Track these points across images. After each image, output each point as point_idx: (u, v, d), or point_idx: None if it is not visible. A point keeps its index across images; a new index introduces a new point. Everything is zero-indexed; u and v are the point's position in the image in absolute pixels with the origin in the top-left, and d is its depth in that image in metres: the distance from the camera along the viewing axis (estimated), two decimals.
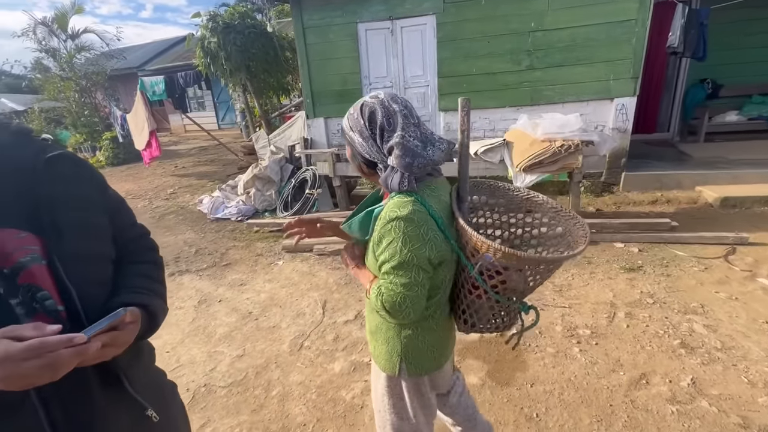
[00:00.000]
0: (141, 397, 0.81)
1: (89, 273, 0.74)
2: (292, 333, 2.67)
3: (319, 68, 5.21)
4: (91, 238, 0.77)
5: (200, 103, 15.03)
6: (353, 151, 1.05)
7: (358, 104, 1.02)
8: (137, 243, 0.91)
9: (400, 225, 0.93)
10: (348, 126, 1.03)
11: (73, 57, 10.95)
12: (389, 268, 0.95)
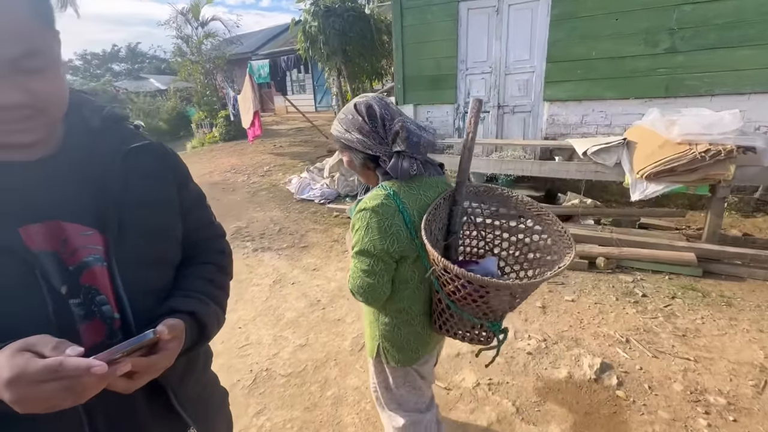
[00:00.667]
0: (187, 412, 0.76)
1: (147, 280, 0.69)
2: (355, 330, 2.57)
3: (413, 52, 4.96)
4: (157, 243, 0.72)
5: (301, 86, 15.92)
6: (352, 155, 1.10)
7: (349, 108, 1.08)
8: (207, 244, 0.86)
9: (366, 215, 1.02)
10: (343, 130, 1.08)
11: (201, 43, 12.41)
12: (354, 253, 1.06)
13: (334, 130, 1.12)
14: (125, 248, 0.65)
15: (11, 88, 0.50)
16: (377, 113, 1.04)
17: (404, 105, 5.22)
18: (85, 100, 0.71)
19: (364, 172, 1.14)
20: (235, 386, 2.15)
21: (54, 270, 0.59)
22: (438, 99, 5.05)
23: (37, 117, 0.55)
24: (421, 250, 1.03)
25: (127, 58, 34.06)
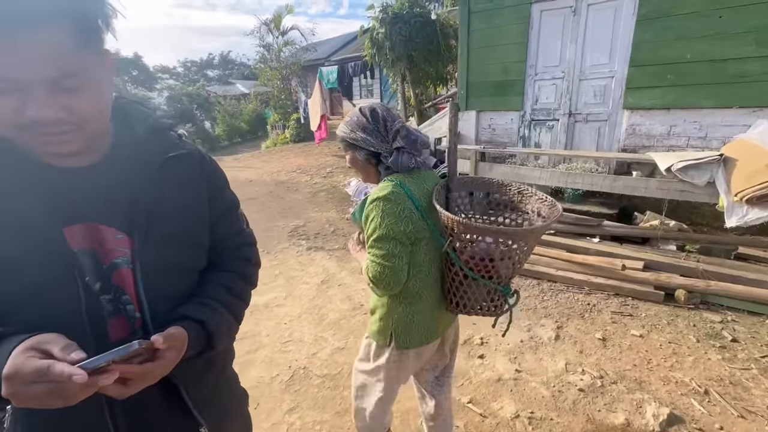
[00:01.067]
0: (200, 412, 0.79)
1: (168, 285, 0.73)
2: None
3: (479, 57, 4.79)
4: (181, 250, 0.74)
5: (369, 90, 16.31)
6: (356, 153, 1.21)
7: (354, 112, 1.21)
8: (234, 252, 0.88)
9: (380, 204, 1.10)
10: (348, 130, 1.20)
11: (280, 50, 13.35)
12: (372, 242, 1.11)
13: (339, 131, 1.23)
14: (149, 254, 0.69)
15: (49, 105, 0.55)
16: (380, 115, 1.18)
17: (466, 111, 5.07)
18: (134, 110, 0.77)
19: (366, 168, 1.24)
20: (274, 380, 2.24)
21: (90, 268, 0.65)
22: (502, 105, 4.82)
23: (74, 131, 0.60)
24: (434, 228, 1.15)
25: (220, 65, 37.79)
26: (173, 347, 0.63)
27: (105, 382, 0.51)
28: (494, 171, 4.13)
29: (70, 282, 0.62)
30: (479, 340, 2.47)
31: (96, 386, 0.51)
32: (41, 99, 0.54)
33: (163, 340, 0.59)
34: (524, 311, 2.78)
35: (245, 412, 1.06)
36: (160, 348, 0.58)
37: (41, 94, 0.54)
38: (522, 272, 3.23)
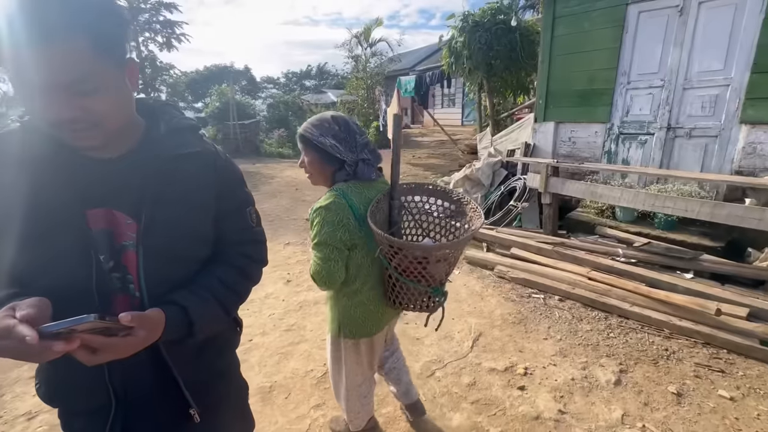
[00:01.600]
0: (191, 393, 0.85)
1: (166, 271, 0.80)
2: (429, 354, 2.46)
3: (561, 64, 4.44)
4: (180, 240, 0.81)
5: (451, 100, 16.19)
6: (317, 155, 1.30)
7: (325, 117, 1.31)
8: (237, 248, 0.92)
9: (321, 212, 1.24)
10: (318, 133, 1.28)
11: (367, 61, 14.00)
12: (313, 245, 1.27)
13: (305, 131, 1.29)
14: (151, 239, 0.77)
15: (66, 107, 0.64)
16: (351, 127, 1.31)
17: (544, 122, 4.73)
18: (164, 111, 0.87)
19: (322, 171, 1.33)
20: (308, 374, 2.33)
21: (105, 247, 0.75)
22: (586, 117, 4.39)
23: (93, 128, 0.69)
24: (368, 237, 1.28)
25: (316, 76, 40.90)
26: (144, 327, 0.66)
27: (59, 347, 0.55)
28: (567, 188, 3.76)
29: (86, 258, 0.73)
30: (522, 370, 2.26)
31: (53, 350, 0.54)
32: (60, 101, 0.64)
33: (131, 319, 0.62)
34: (583, 346, 2.47)
35: (243, 404, 1.11)
36: (128, 325, 0.62)
37: (59, 97, 0.63)
38: (587, 302, 2.89)
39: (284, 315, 3.02)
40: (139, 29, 12.57)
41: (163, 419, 0.86)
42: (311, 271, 1.30)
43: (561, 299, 3.03)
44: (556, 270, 3.29)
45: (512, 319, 2.81)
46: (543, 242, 3.68)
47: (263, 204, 6.73)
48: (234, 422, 1.06)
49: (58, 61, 0.61)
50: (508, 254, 3.77)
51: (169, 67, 14.36)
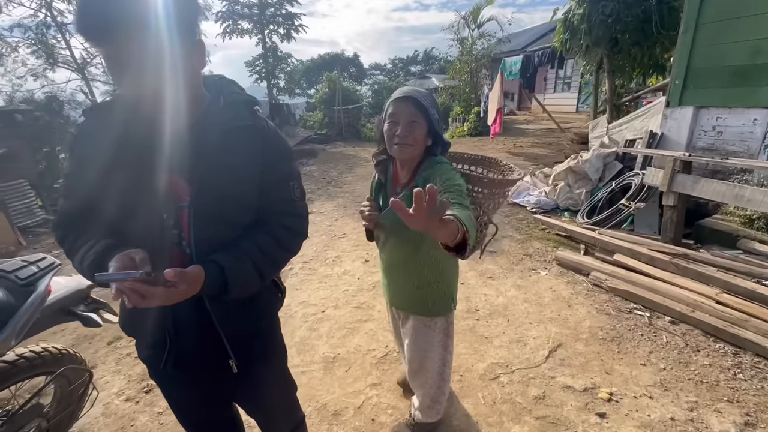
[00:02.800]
0: (231, 346, 0.98)
1: (212, 232, 0.89)
2: (498, 356, 2.29)
3: (711, 33, 3.55)
4: (226, 206, 0.90)
5: (566, 83, 14.47)
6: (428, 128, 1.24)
7: (428, 94, 1.26)
8: (277, 218, 0.98)
9: (450, 167, 1.25)
10: (429, 104, 1.21)
11: (473, 44, 13.30)
12: (465, 202, 1.17)
13: (421, 98, 1.20)
14: (200, 205, 0.87)
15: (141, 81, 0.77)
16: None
17: (678, 107, 3.87)
18: (227, 87, 0.96)
19: (422, 145, 1.26)
20: (369, 353, 2.38)
21: (168, 206, 0.87)
22: (742, 100, 3.46)
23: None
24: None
25: (422, 61, 40.67)
26: (185, 282, 0.76)
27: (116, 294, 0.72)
28: (700, 188, 3.05)
29: (156, 214, 0.86)
30: (606, 395, 1.95)
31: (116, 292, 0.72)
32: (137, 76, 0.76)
33: (174, 275, 0.72)
34: (695, 383, 2.02)
35: (282, 366, 1.22)
36: (170, 279, 0.72)
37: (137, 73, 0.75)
38: (710, 330, 2.34)
39: (357, 292, 3.13)
40: (265, 22, 14.02)
41: (206, 362, 1.00)
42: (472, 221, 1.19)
43: (673, 321, 2.51)
44: (672, 286, 2.72)
45: (603, 334, 2.43)
46: (659, 251, 3.08)
47: (355, 185, 7.04)
48: (274, 382, 1.17)
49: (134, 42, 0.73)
50: (610, 260, 3.26)
51: (287, 56, 15.77)
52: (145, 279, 0.72)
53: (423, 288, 1.41)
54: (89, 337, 2.75)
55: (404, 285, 1.45)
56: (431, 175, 1.20)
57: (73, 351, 1.69)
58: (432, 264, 1.39)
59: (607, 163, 4.60)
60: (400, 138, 1.21)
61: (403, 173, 1.35)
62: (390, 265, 1.49)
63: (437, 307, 1.44)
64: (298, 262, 3.78)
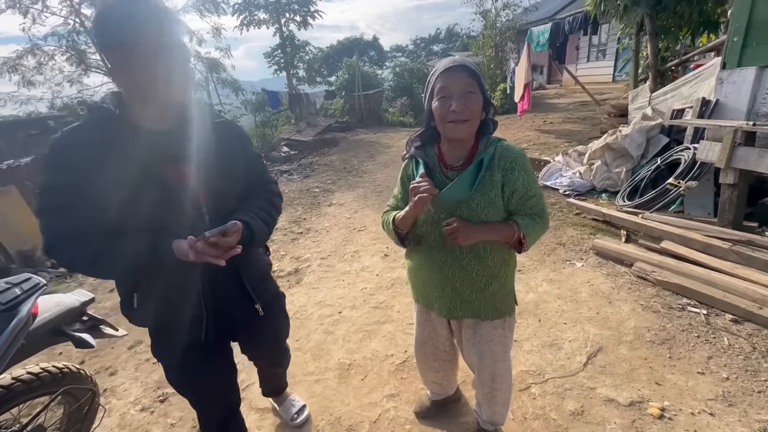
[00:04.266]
0: (253, 291, 1.27)
1: (221, 204, 1.13)
2: (527, 363, 2.07)
3: None
4: (226, 181, 1.14)
5: (601, 51, 13.40)
6: (483, 98, 1.10)
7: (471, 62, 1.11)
8: (261, 185, 1.29)
9: (527, 158, 1.18)
10: (479, 71, 1.10)
11: (498, 15, 12.53)
12: (540, 191, 1.19)
13: (474, 67, 1.09)
14: (207, 182, 1.09)
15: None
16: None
17: (738, 69, 3.35)
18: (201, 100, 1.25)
19: (479, 118, 1.13)
20: (387, 359, 2.22)
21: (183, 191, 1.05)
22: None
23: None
24: None
25: (445, 39, 39.21)
26: (236, 233, 1.00)
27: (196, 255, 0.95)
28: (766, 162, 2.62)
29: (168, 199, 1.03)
30: (657, 410, 1.69)
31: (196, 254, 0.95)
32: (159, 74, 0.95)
33: (229, 229, 0.96)
34: (767, 396, 1.72)
35: (283, 306, 1.52)
36: (233, 230, 0.97)
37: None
38: None
39: (375, 290, 2.98)
40: (280, 11, 13.85)
41: (237, 317, 1.28)
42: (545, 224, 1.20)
43: (736, 320, 2.17)
44: (734, 278, 2.37)
45: (651, 336, 2.15)
46: (716, 237, 2.70)
47: (376, 174, 6.85)
48: (280, 319, 1.52)
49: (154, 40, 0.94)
50: (657, 248, 2.90)
51: (305, 45, 15.57)
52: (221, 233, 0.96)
53: (491, 284, 1.22)
54: (113, 341, 2.77)
55: (468, 286, 1.23)
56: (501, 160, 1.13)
57: (76, 368, 1.63)
58: (498, 251, 1.21)
59: (651, 137, 4.13)
60: (456, 114, 1.06)
61: (453, 154, 1.19)
62: (444, 267, 1.23)
63: (505, 305, 1.29)
64: (316, 259, 3.67)
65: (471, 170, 1.11)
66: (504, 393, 1.44)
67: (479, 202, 1.12)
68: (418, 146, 1.26)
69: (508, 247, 1.21)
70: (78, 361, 2.55)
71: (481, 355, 1.35)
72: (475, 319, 1.30)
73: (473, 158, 1.14)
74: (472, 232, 1.10)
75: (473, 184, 1.11)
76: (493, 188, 1.11)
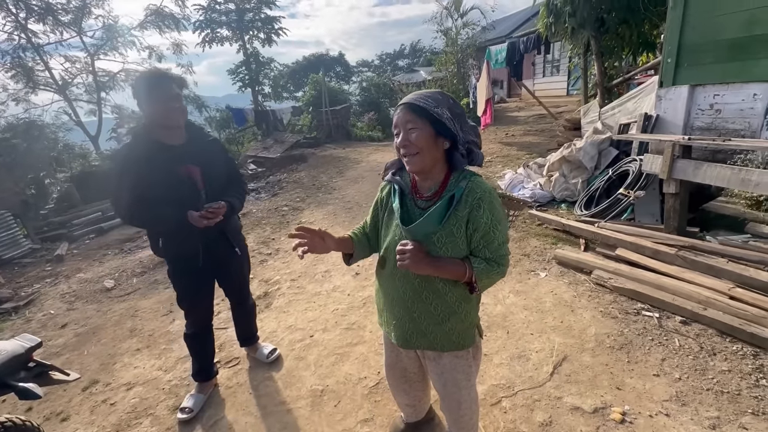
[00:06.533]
0: (233, 240, 2.07)
1: (215, 191, 1.89)
2: (497, 376, 2.11)
3: (702, 6, 3.34)
4: (219, 177, 1.94)
5: (555, 67, 14.22)
6: (432, 130, 1.09)
7: (434, 90, 1.15)
8: (235, 181, 2.09)
9: (497, 199, 1.14)
10: (433, 104, 1.08)
11: (458, 34, 13.05)
12: (503, 236, 1.14)
13: (418, 101, 1.09)
14: (206, 176, 1.86)
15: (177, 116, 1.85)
16: (460, 106, 1.17)
17: (672, 87, 3.67)
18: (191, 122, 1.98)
19: (434, 149, 1.12)
20: (360, 382, 2.20)
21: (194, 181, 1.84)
22: (740, 75, 3.26)
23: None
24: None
25: (410, 54, 40.20)
26: (223, 208, 1.82)
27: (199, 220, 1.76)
28: (703, 174, 2.86)
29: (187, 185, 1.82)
30: (618, 415, 1.77)
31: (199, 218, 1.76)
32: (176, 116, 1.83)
33: (221, 204, 1.82)
34: (715, 393, 1.84)
35: (248, 253, 2.27)
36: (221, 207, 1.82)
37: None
38: (726, 330, 2.17)
39: (347, 311, 2.95)
40: (244, 28, 13.74)
41: (222, 254, 2.04)
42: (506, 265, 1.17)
43: (684, 321, 2.33)
44: (681, 282, 2.55)
45: (610, 342, 2.26)
46: (663, 243, 2.90)
47: (346, 190, 6.85)
48: (245, 259, 2.23)
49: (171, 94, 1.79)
50: (612, 255, 3.08)
51: (269, 61, 15.48)
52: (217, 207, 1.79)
53: (449, 319, 1.21)
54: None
55: (426, 318, 1.23)
56: (469, 195, 1.11)
57: (21, 419, 1.51)
58: (457, 287, 1.19)
59: (602, 149, 4.42)
60: (403, 149, 1.13)
61: (424, 185, 1.19)
62: (404, 297, 1.24)
63: (464, 340, 1.26)
64: (286, 281, 3.61)
65: (442, 206, 1.11)
66: (470, 417, 1.44)
67: (440, 236, 1.11)
68: (394, 172, 1.28)
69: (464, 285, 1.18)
70: (24, 409, 2.35)
71: (445, 384, 1.35)
72: (431, 351, 1.31)
73: (443, 191, 1.15)
74: (422, 262, 1.09)
75: (442, 219, 1.10)
76: (457, 223, 1.10)
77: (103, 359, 2.79)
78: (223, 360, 2.54)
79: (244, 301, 2.36)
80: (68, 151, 12.22)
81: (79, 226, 7.48)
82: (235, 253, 2.06)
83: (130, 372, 2.61)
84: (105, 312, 3.58)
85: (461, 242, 1.11)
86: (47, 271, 5.35)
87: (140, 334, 3.06)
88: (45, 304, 4.06)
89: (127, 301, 3.76)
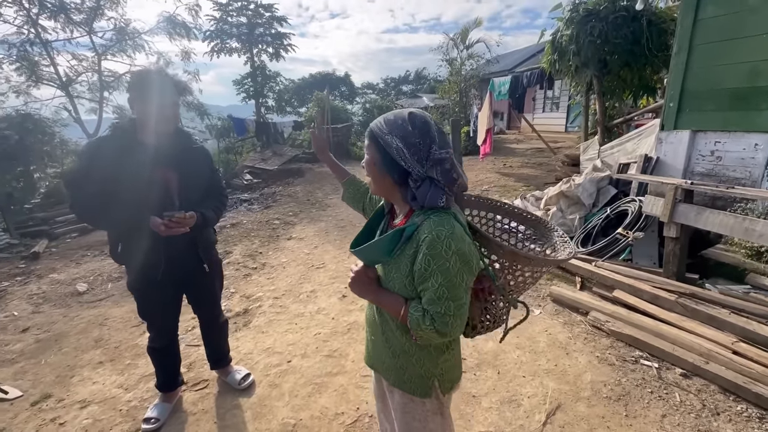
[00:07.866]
0: (203, 255, 1.92)
1: (191, 200, 1.79)
2: (486, 421, 1.95)
3: (706, 55, 3.39)
4: (196, 186, 1.85)
5: (555, 103, 14.55)
6: (378, 157, 1.01)
7: (401, 114, 1.00)
8: (216, 193, 1.99)
9: (450, 245, 0.91)
10: (387, 130, 0.99)
11: (462, 64, 13.36)
12: (444, 291, 0.92)
13: (374, 125, 1.02)
14: (183, 185, 1.77)
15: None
16: (430, 133, 0.97)
17: (674, 131, 3.68)
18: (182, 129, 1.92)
19: (382, 180, 1.03)
20: (337, 418, 2.02)
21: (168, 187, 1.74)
22: (741, 124, 3.27)
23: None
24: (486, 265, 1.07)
25: (414, 81, 41.16)
26: (191, 218, 1.72)
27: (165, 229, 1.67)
28: (704, 220, 2.81)
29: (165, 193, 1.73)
30: None
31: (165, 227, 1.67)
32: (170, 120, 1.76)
33: (187, 215, 1.70)
34: None
35: (221, 271, 2.16)
36: (186, 217, 1.70)
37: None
38: (730, 387, 2.04)
39: (330, 336, 2.78)
40: (253, 41, 13.95)
41: (188, 269, 1.90)
42: (440, 326, 0.92)
43: (685, 374, 2.20)
44: (681, 331, 2.43)
45: (607, 391, 2.12)
46: (662, 288, 2.80)
47: (340, 208, 6.74)
48: (217, 277, 2.10)
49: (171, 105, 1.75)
50: (610, 297, 2.97)
51: (275, 75, 15.66)
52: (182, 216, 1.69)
53: (400, 356, 1.10)
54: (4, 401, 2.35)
55: (381, 347, 1.14)
56: (420, 234, 0.95)
57: None
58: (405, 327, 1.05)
59: (601, 187, 4.38)
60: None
61: (399, 210, 1.11)
62: (371, 316, 1.20)
63: (414, 386, 1.09)
64: (269, 298, 3.43)
65: (389, 237, 1.00)
66: None
67: (390, 268, 1.03)
68: None
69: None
70: None
71: (397, 424, 1.18)
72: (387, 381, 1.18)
73: (406, 221, 1.03)
74: (364, 287, 1.07)
75: (391, 251, 1.00)
76: (405, 260, 0.98)
77: (61, 371, 2.57)
78: (190, 382, 2.34)
79: (214, 320, 2.20)
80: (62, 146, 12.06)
81: (62, 224, 7.25)
82: (203, 269, 1.91)
83: (88, 387, 2.39)
84: (72, 318, 3.36)
85: (408, 281, 0.98)
86: (20, 268, 5.10)
87: (105, 346, 2.85)
88: (10, 304, 3.81)
89: (97, 307, 3.55)
